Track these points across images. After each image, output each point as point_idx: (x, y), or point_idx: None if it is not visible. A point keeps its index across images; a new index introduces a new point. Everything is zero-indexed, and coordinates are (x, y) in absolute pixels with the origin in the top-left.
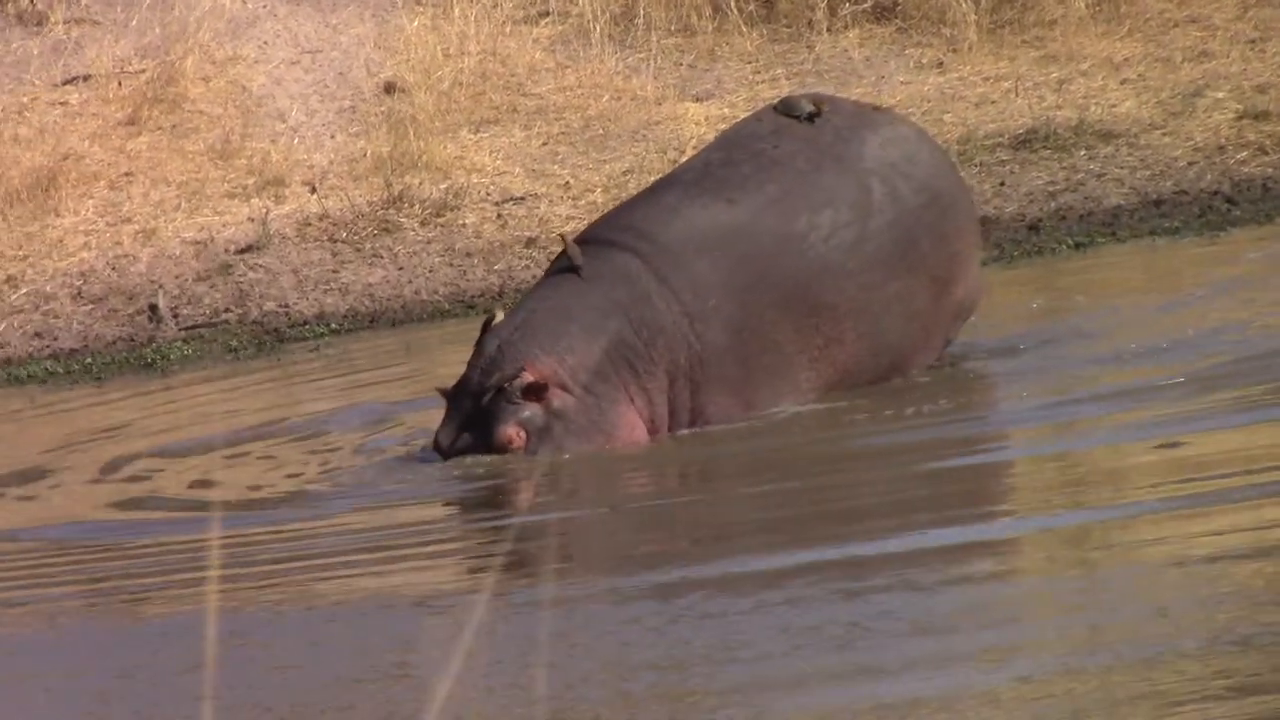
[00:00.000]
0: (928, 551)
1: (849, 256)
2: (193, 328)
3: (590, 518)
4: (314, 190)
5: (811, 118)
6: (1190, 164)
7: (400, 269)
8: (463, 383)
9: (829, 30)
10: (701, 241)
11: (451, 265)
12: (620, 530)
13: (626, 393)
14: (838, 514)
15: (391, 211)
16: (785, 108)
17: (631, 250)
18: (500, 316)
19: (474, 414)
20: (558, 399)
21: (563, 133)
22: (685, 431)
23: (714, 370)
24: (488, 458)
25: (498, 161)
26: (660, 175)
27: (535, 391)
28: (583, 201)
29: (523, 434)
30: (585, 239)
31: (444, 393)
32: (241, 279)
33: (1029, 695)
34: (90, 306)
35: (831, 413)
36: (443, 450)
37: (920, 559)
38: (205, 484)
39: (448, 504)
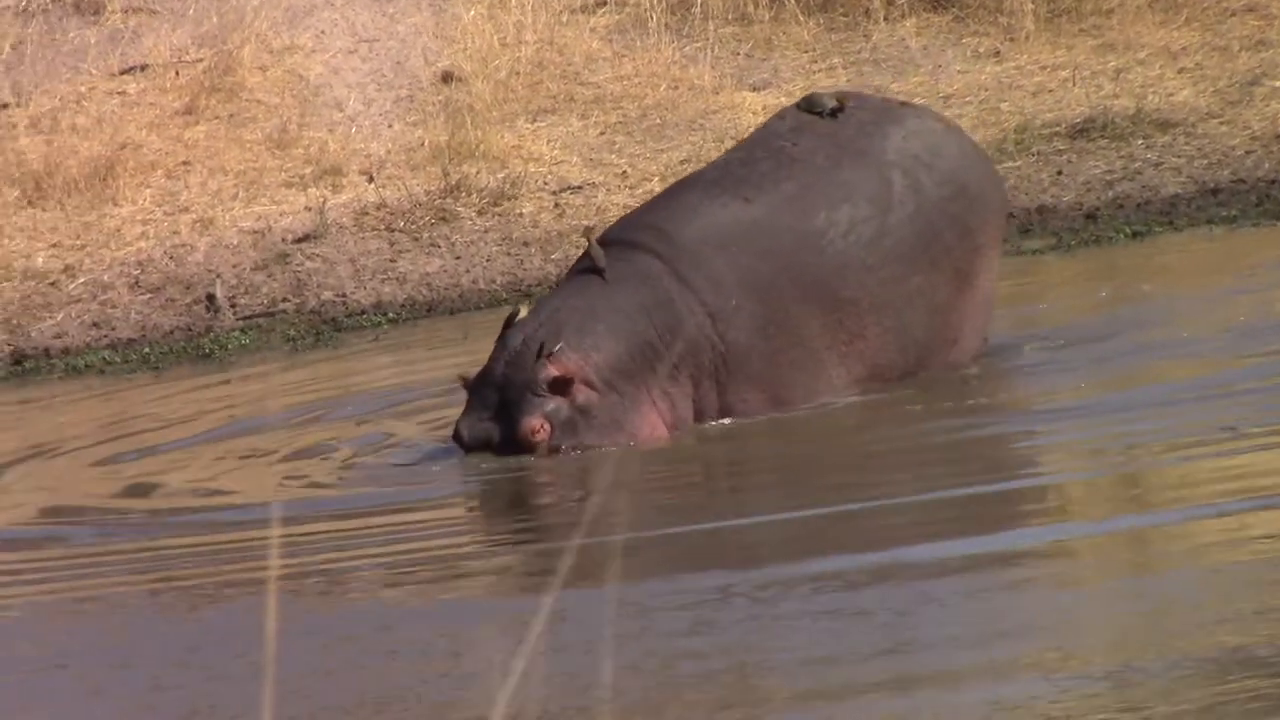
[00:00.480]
0: (989, 556)
1: (869, 251)
2: (250, 317)
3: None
4: (371, 179)
5: (834, 113)
6: (1248, 152)
7: (457, 258)
8: (485, 374)
9: (886, 19)
10: (721, 240)
11: (509, 254)
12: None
13: (649, 394)
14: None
15: (449, 201)
16: (808, 104)
17: (652, 251)
18: (524, 312)
19: (497, 405)
20: (582, 394)
21: (620, 122)
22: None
23: (740, 369)
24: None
25: (555, 151)
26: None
27: (562, 385)
28: (640, 190)
29: (547, 427)
30: (607, 239)
31: (465, 383)
32: (299, 268)
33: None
34: (148, 296)
35: (893, 403)
36: (463, 441)
37: (980, 562)
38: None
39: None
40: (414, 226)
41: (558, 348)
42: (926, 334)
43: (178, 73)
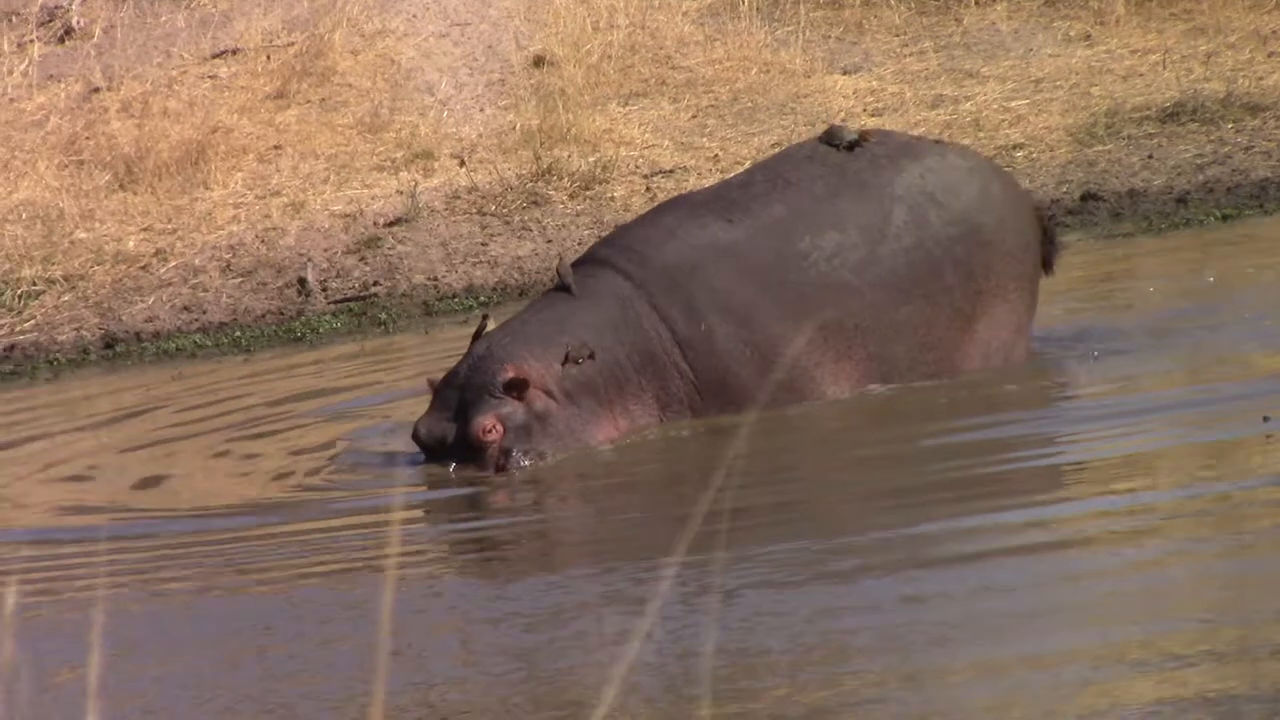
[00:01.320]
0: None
1: (855, 275)
2: (341, 301)
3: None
4: (463, 163)
5: (851, 147)
6: None
7: (549, 241)
8: (449, 376)
9: (976, 3)
10: (696, 262)
11: (600, 238)
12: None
13: (611, 410)
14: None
15: (540, 184)
16: (827, 136)
17: (624, 272)
18: (492, 325)
19: (456, 406)
20: (540, 401)
21: (711, 105)
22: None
23: (718, 395)
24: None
25: (646, 134)
26: None
27: (517, 387)
28: (731, 174)
29: (499, 428)
30: (585, 258)
31: (432, 384)
32: (390, 252)
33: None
34: (239, 280)
35: (972, 387)
36: (420, 438)
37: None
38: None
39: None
40: (505, 210)
41: (519, 354)
42: (913, 368)
43: (269, 56)
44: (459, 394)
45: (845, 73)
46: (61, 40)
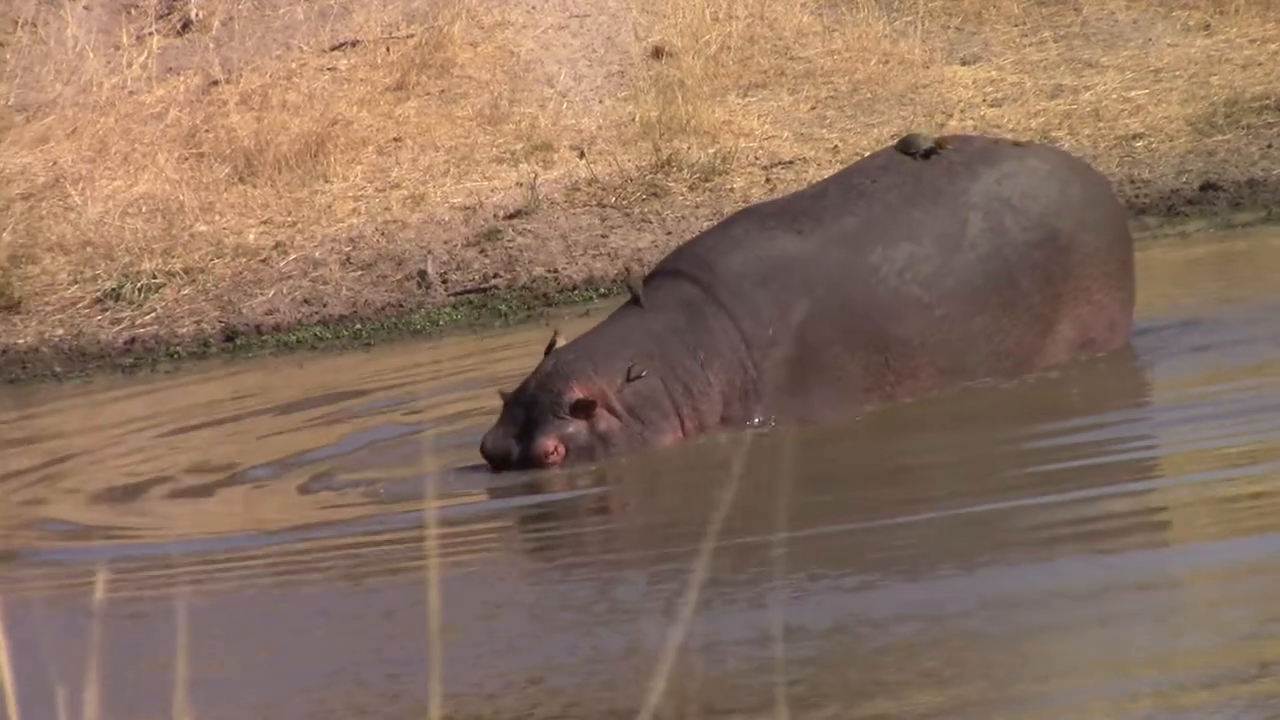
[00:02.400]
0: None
1: (926, 289)
2: (461, 293)
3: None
4: (582, 155)
5: (928, 155)
6: None
7: (669, 233)
8: (518, 392)
9: None
10: (763, 272)
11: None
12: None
13: (679, 416)
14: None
15: (660, 176)
16: (903, 145)
17: (692, 279)
18: (562, 341)
19: (522, 423)
20: (604, 420)
21: (830, 96)
22: None
23: (767, 398)
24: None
25: (766, 125)
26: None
27: (583, 409)
28: (851, 165)
29: (562, 449)
30: (655, 271)
31: (504, 397)
32: (510, 244)
33: None
34: (359, 273)
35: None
36: (486, 454)
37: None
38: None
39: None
40: (625, 202)
41: (585, 371)
42: (988, 374)
43: (388, 49)
44: (525, 411)
45: (964, 63)
46: (180, 33)
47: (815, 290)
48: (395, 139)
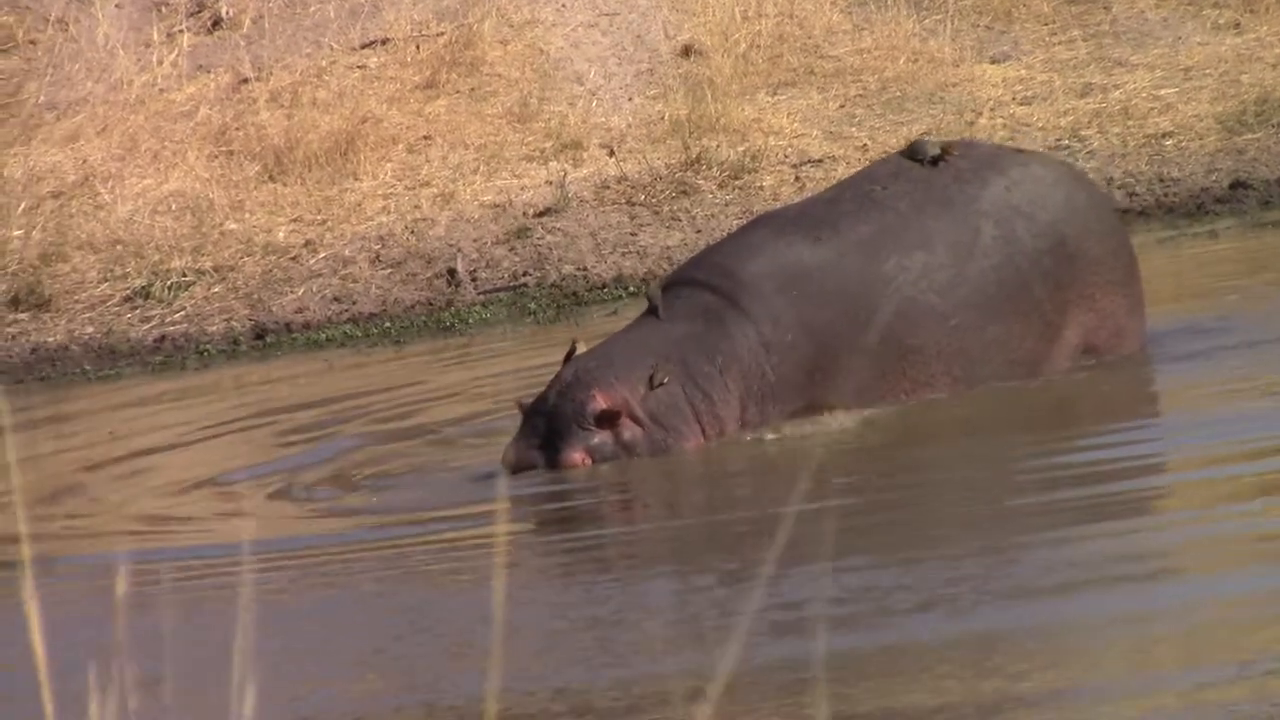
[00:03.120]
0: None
1: (942, 298)
2: (491, 291)
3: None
4: (612, 153)
5: (935, 161)
6: None
7: (698, 231)
8: (538, 402)
9: None
10: (782, 279)
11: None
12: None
13: (700, 423)
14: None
15: (689, 174)
16: (910, 151)
17: (711, 287)
18: (582, 348)
19: (544, 434)
20: (628, 430)
21: (860, 95)
22: None
23: (783, 404)
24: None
25: (795, 124)
26: (961, 136)
27: (608, 419)
28: None
29: (589, 461)
30: (673, 280)
31: (522, 408)
32: (539, 242)
33: None
34: (389, 270)
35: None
36: (509, 465)
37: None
38: None
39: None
40: (654, 200)
41: (606, 379)
42: (998, 381)
43: (418, 47)
44: (546, 422)
45: (994, 61)
46: (210, 30)
47: (834, 298)
48: (425, 137)
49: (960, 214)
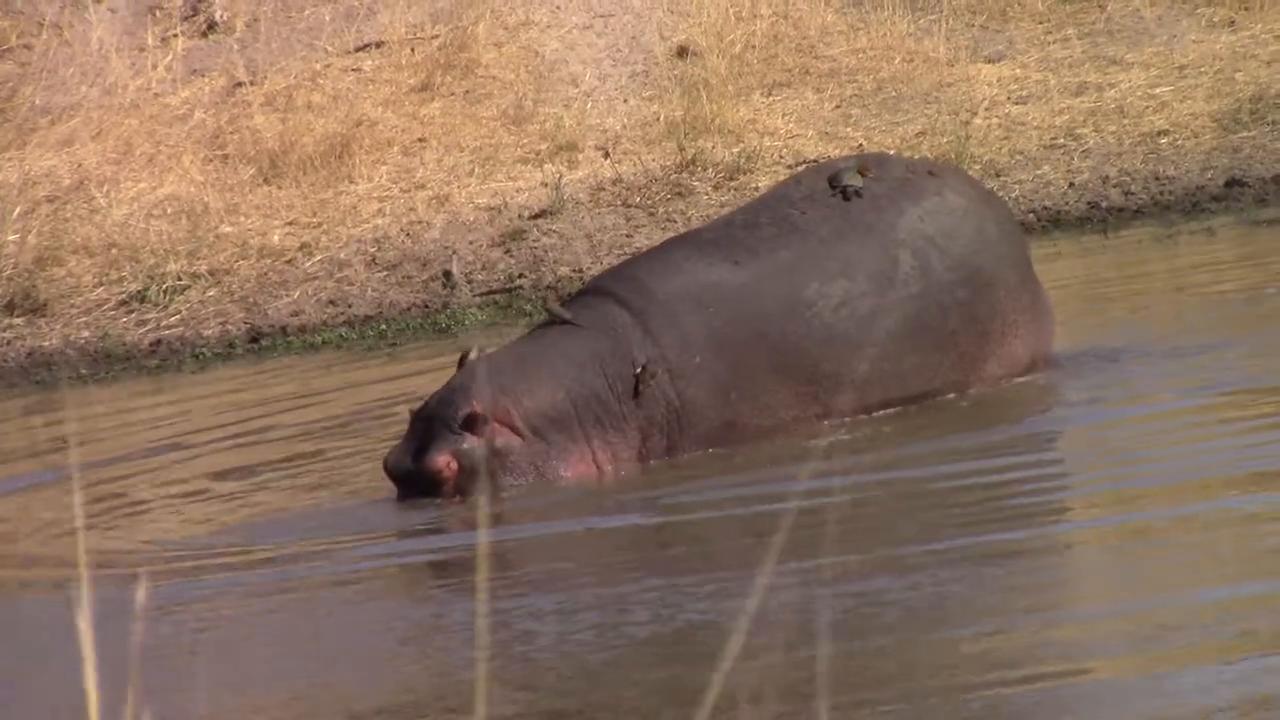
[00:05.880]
0: None
1: (860, 328)
2: (487, 293)
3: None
4: (607, 155)
5: (847, 193)
6: None
7: None
8: (422, 407)
9: None
10: (698, 299)
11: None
12: None
13: (589, 445)
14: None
15: (685, 175)
16: (832, 180)
17: (623, 303)
18: (475, 354)
19: (421, 439)
20: (502, 437)
21: (855, 95)
22: None
23: (694, 427)
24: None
25: (790, 124)
26: (952, 138)
27: (474, 423)
28: None
29: (454, 465)
30: (588, 288)
31: (412, 413)
32: (535, 244)
33: None
34: (384, 273)
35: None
36: (387, 471)
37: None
38: None
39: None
40: (650, 201)
41: (484, 387)
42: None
43: (413, 49)
44: (424, 426)
45: (989, 61)
46: (205, 34)
47: (751, 320)
48: (420, 139)
49: (879, 243)
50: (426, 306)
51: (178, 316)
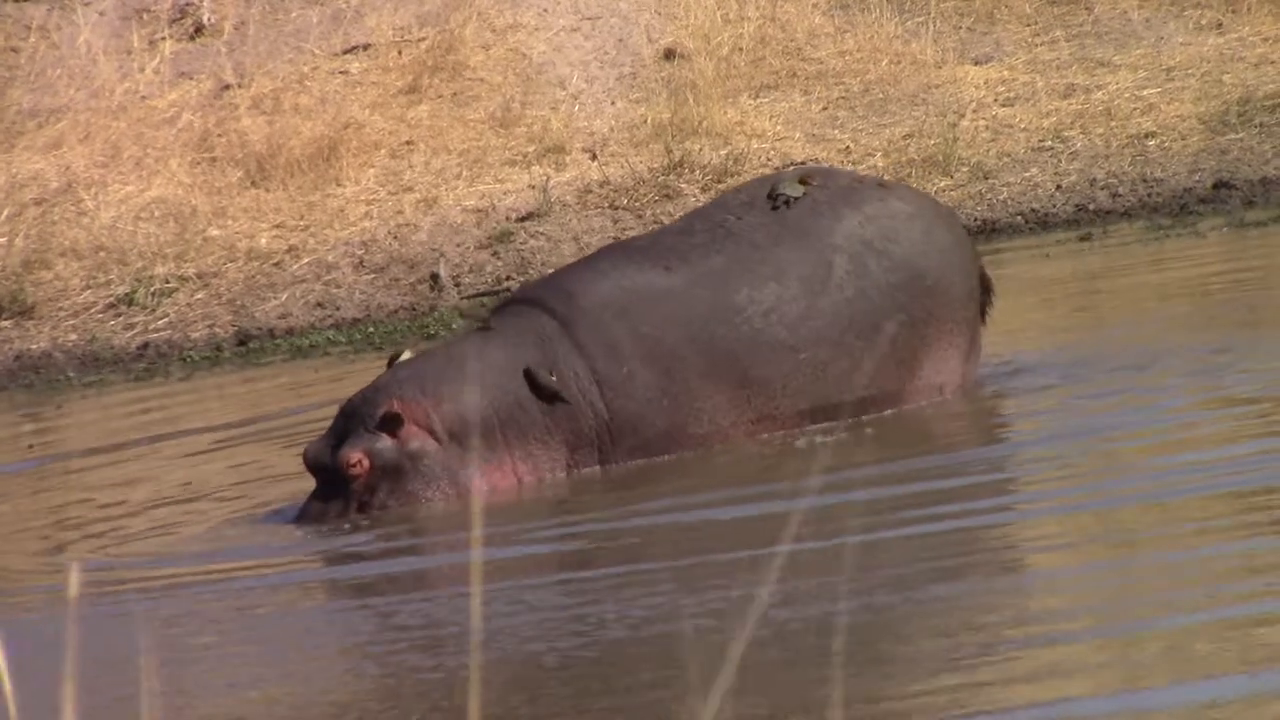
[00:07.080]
0: None
1: (791, 332)
2: (475, 296)
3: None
4: (595, 157)
5: (785, 200)
6: None
7: None
8: (346, 403)
9: None
10: (626, 306)
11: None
12: None
13: (510, 455)
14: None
15: (672, 177)
16: (772, 191)
17: (551, 311)
18: (407, 354)
19: (340, 434)
20: (417, 440)
21: (842, 97)
22: None
23: (627, 438)
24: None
25: (778, 127)
26: (940, 140)
27: (389, 423)
28: (863, 166)
29: (365, 463)
30: (515, 296)
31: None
32: (523, 247)
33: None
34: (372, 276)
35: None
36: (306, 462)
37: None
38: None
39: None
40: (637, 204)
41: (408, 388)
42: (852, 417)
43: (400, 52)
44: (344, 422)
45: (976, 63)
46: (193, 37)
47: (681, 326)
48: (407, 142)
49: (814, 248)
50: (414, 309)
51: (165, 320)
